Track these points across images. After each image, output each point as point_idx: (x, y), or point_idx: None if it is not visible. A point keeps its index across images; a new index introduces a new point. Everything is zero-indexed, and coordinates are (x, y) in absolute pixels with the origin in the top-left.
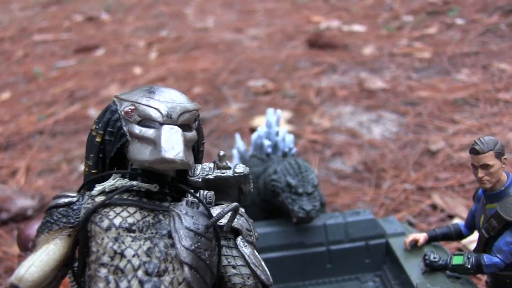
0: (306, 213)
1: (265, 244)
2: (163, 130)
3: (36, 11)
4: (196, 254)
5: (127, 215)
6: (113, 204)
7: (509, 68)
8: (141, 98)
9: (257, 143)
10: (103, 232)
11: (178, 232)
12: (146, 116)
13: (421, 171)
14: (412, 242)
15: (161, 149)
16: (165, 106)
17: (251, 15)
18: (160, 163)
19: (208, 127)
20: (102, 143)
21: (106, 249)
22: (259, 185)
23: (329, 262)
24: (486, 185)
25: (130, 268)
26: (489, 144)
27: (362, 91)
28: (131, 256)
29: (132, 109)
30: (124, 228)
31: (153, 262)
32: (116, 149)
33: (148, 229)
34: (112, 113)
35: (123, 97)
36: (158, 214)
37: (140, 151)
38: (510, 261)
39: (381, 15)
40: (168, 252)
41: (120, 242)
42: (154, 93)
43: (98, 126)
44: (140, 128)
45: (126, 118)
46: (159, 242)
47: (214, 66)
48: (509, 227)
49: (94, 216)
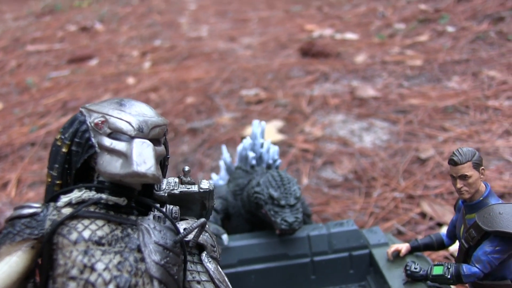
0: (289, 225)
1: (249, 256)
2: (135, 144)
3: (30, 21)
4: (165, 269)
5: (96, 228)
6: (81, 217)
7: (498, 75)
8: (112, 111)
9: (242, 155)
10: (71, 244)
11: (148, 246)
12: (117, 129)
13: (411, 179)
14: (394, 252)
15: (133, 163)
16: (136, 119)
17: (244, 24)
18: (131, 177)
19: (200, 137)
20: (68, 154)
21: (75, 262)
22: (243, 197)
23: (313, 273)
24: (465, 196)
25: (101, 282)
26: (467, 155)
27: (353, 100)
28: (102, 270)
29: (103, 121)
30: (94, 241)
31: (124, 276)
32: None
33: (117, 242)
34: (80, 123)
35: (92, 108)
36: (126, 228)
37: (110, 163)
38: (488, 270)
39: (373, 23)
40: (138, 266)
41: (90, 255)
42: (125, 106)
43: (64, 136)
44: (111, 140)
45: (96, 129)
46: (129, 256)
47: (207, 75)
48: (488, 237)
49: (61, 228)
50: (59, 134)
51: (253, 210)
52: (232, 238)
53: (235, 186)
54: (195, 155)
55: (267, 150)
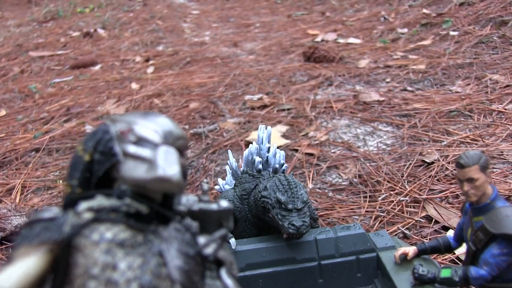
0: (296, 229)
1: (257, 260)
2: (161, 150)
3: (32, 28)
4: (187, 274)
5: (118, 231)
6: (103, 221)
7: (502, 79)
8: (137, 120)
9: (248, 160)
10: (93, 245)
11: (170, 252)
12: (143, 137)
13: (416, 183)
14: (401, 255)
15: (159, 168)
16: (162, 129)
17: (247, 29)
18: (156, 182)
19: (204, 142)
20: (90, 163)
21: (97, 260)
22: (250, 201)
23: (321, 277)
24: (472, 199)
25: (124, 281)
26: (474, 158)
27: (357, 104)
28: (125, 269)
29: (128, 129)
30: (116, 242)
31: (146, 277)
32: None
33: (139, 247)
34: (104, 133)
35: (117, 118)
36: (147, 235)
37: (135, 169)
38: (496, 273)
39: (376, 28)
40: (160, 270)
41: (113, 254)
42: (150, 117)
43: (87, 146)
44: (136, 147)
45: (120, 138)
46: (151, 260)
47: (210, 80)
48: (495, 240)
49: (82, 230)
50: (81, 145)
51: (260, 214)
52: (240, 242)
53: (242, 191)
54: (199, 160)
55: (274, 155)
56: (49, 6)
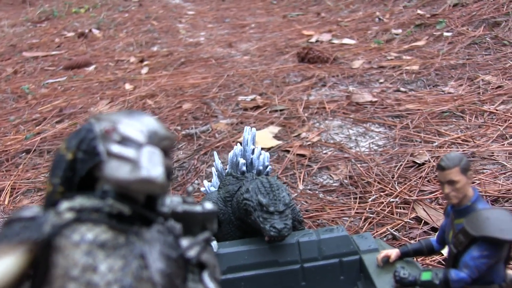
0: (278, 231)
1: (239, 263)
2: (145, 150)
3: (26, 28)
4: (170, 278)
5: (99, 232)
6: (84, 221)
7: (494, 80)
8: (122, 119)
9: (233, 161)
10: (73, 245)
11: (152, 254)
12: (127, 136)
13: (406, 184)
14: (384, 258)
15: (143, 168)
16: (146, 129)
17: (242, 29)
18: (140, 183)
19: (196, 143)
20: (73, 161)
21: (77, 262)
22: (233, 204)
23: (303, 279)
24: (453, 201)
25: (104, 283)
26: (455, 160)
27: (350, 105)
28: (106, 271)
29: (112, 128)
30: (97, 244)
31: (127, 279)
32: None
33: (121, 249)
34: (88, 131)
35: (101, 117)
36: (129, 237)
37: (118, 169)
38: (476, 276)
39: (371, 28)
40: (142, 272)
41: (93, 256)
42: (135, 116)
43: (70, 144)
44: (119, 147)
45: (104, 137)
46: (132, 262)
47: (204, 81)
48: (476, 242)
49: (62, 231)
50: (64, 143)
51: (243, 217)
52: (222, 245)
53: (226, 193)
54: (191, 161)
55: (258, 156)
56: (44, 6)
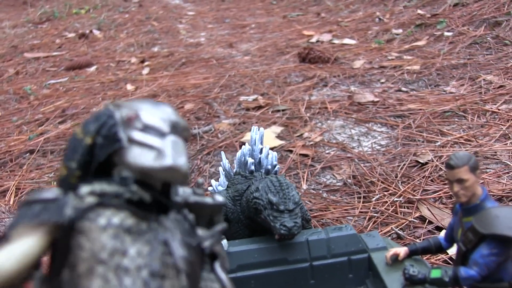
0: (288, 230)
1: (249, 261)
2: (169, 139)
3: (27, 29)
4: (191, 265)
5: (124, 217)
6: (107, 205)
7: (495, 79)
8: (144, 107)
9: (241, 161)
10: (100, 229)
11: (174, 242)
12: (151, 125)
13: (410, 183)
14: (393, 256)
15: (168, 157)
16: (169, 118)
17: (242, 30)
18: (165, 171)
19: (198, 143)
20: (92, 146)
21: (105, 245)
22: (242, 202)
23: (312, 278)
24: (462, 199)
25: (135, 268)
26: (464, 159)
27: (352, 105)
28: (135, 255)
29: (135, 116)
30: (124, 228)
31: (155, 264)
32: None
33: (145, 234)
34: (108, 117)
35: (121, 104)
36: (151, 223)
37: (142, 156)
38: (486, 273)
39: (371, 28)
40: (167, 258)
41: (121, 240)
42: (156, 105)
43: (88, 129)
44: (142, 134)
45: (127, 123)
46: (158, 248)
47: (206, 81)
48: (485, 240)
49: (87, 214)
50: (80, 128)
51: (252, 216)
52: (232, 243)
53: (234, 192)
54: (194, 161)
55: (266, 156)
56: (45, 7)
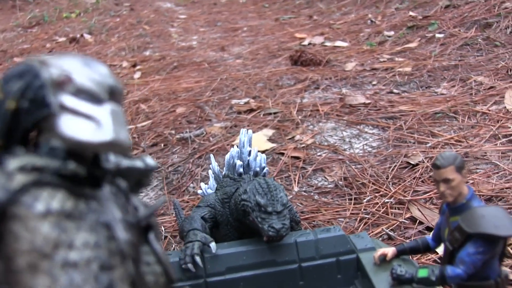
0: (276, 231)
1: (238, 264)
2: (108, 108)
3: (17, 33)
4: (134, 247)
5: (62, 199)
6: (43, 185)
7: (486, 80)
8: (77, 68)
9: (229, 163)
10: (39, 217)
11: (117, 224)
12: (86, 90)
13: (400, 184)
14: (381, 256)
15: (108, 130)
16: (106, 83)
17: (234, 33)
18: (105, 146)
19: (190, 146)
20: (16, 111)
21: (47, 236)
22: (231, 205)
23: (301, 279)
24: (448, 199)
25: (84, 261)
26: (450, 159)
27: (343, 107)
28: (81, 247)
29: (68, 79)
30: (65, 214)
31: (104, 254)
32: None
33: (86, 218)
34: (33, 77)
35: (47, 61)
36: (88, 202)
37: (76, 127)
38: (472, 271)
39: (363, 31)
40: (111, 244)
41: (64, 229)
42: (91, 66)
43: (10, 90)
44: (76, 100)
45: (57, 86)
46: (101, 233)
47: (197, 85)
48: (471, 239)
49: (20, 197)
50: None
51: (241, 218)
52: (220, 246)
53: (223, 194)
54: (186, 165)
55: (254, 158)
56: (34, 11)
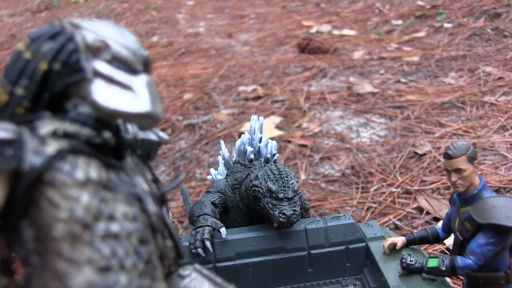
0: (287, 217)
1: (247, 249)
2: (144, 79)
3: (26, 18)
4: (161, 219)
5: (98, 168)
6: (78, 152)
7: (494, 71)
8: (114, 36)
9: (240, 150)
10: (78, 185)
11: (146, 196)
12: (122, 59)
13: (408, 174)
14: (390, 245)
15: (146, 102)
16: (141, 53)
17: (242, 20)
18: (141, 117)
19: (197, 133)
20: (47, 73)
21: (89, 206)
22: (241, 191)
23: (310, 266)
24: (460, 189)
25: (125, 234)
26: (462, 149)
27: (351, 95)
28: (122, 218)
29: (105, 45)
30: (102, 184)
31: (142, 227)
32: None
33: (119, 190)
34: (67, 40)
35: (81, 25)
36: (118, 173)
37: (112, 95)
38: (482, 262)
39: (371, 19)
40: (144, 218)
41: (103, 200)
42: (125, 35)
43: (40, 50)
44: (112, 69)
45: (92, 52)
46: (135, 206)
47: (205, 71)
48: (482, 230)
49: (58, 163)
50: (27, 44)
51: (251, 204)
52: (230, 231)
53: (234, 180)
54: (193, 151)
55: (265, 145)
56: None
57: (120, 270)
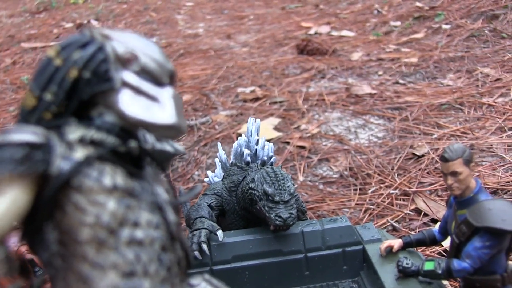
0: (283, 220)
1: (244, 252)
2: (169, 92)
3: (25, 18)
4: (178, 228)
5: (123, 176)
6: (104, 159)
7: (492, 72)
8: (142, 48)
9: (237, 152)
10: (105, 191)
11: (166, 205)
12: (150, 71)
13: (406, 175)
14: (387, 248)
15: (171, 114)
16: (167, 66)
17: (241, 21)
18: (166, 128)
19: (196, 134)
20: (77, 81)
21: (115, 212)
22: (238, 193)
23: (307, 269)
24: (456, 192)
25: (149, 240)
26: (458, 151)
27: (349, 97)
28: (146, 226)
29: (134, 57)
30: (128, 192)
31: (164, 235)
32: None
33: (142, 198)
34: (98, 50)
35: (111, 36)
36: (141, 182)
37: (138, 105)
38: (478, 265)
39: (369, 21)
40: (165, 226)
41: (129, 207)
42: (153, 48)
43: (70, 58)
44: (139, 80)
45: (122, 62)
46: (157, 214)
47: (203, 72)
48: (478, 233)
49: (86, 169)
50: (56, 52)
51: (248, 206)
52: (227, 234)
53: (230, 183)
54: (191, 153)
55: (262, 147)
56: None
57: (144, 276)
